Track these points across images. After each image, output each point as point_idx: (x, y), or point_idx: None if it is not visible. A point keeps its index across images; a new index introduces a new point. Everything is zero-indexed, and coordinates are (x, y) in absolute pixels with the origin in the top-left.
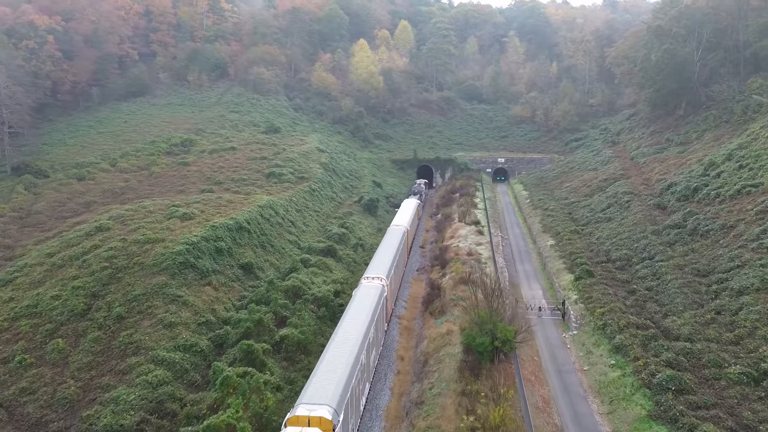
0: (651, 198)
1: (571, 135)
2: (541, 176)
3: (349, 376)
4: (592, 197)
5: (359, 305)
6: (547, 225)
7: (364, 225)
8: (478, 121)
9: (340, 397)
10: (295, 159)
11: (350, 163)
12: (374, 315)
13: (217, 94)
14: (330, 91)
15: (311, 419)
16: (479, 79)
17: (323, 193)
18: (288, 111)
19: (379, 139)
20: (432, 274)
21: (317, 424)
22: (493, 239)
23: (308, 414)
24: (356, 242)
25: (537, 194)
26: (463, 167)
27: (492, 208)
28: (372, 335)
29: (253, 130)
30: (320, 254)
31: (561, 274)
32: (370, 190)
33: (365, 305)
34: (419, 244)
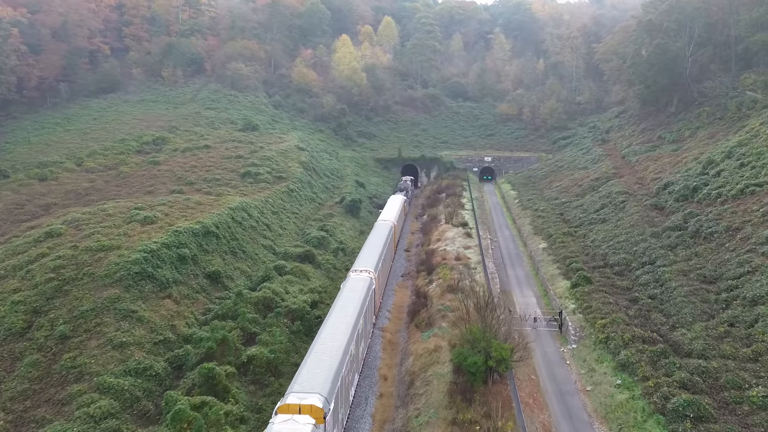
0: (647, 198)
1: (559, 133)
2: (529, 175)
3: (338, 365)
4: (583, 197)
5: (348, 297)
6: (538, 226)
7: (346, 227)
8: (464, 119)
9: (330, 386)
10: (273, 158)
11: (332, 162)
12: (363, 307)
13: (192, 91)
14: (311, 87)
15: (302, 407)
16: (465, 76)
17: (302, 194)
18: (267, 108)
19: (363, 137)
20: (418, 281)
21: (308, 412)
22: (482, 242)
23: (299, 402)
24: (337, 246)
25: (526, 194)
26: (449, 166)
27: (480, 208)
28: (361, 326)
29: (230, 128)
30: (297, 260)
31: (555, 280)
32: (352, 191)
33: (354, 297)
34: (404, 247)
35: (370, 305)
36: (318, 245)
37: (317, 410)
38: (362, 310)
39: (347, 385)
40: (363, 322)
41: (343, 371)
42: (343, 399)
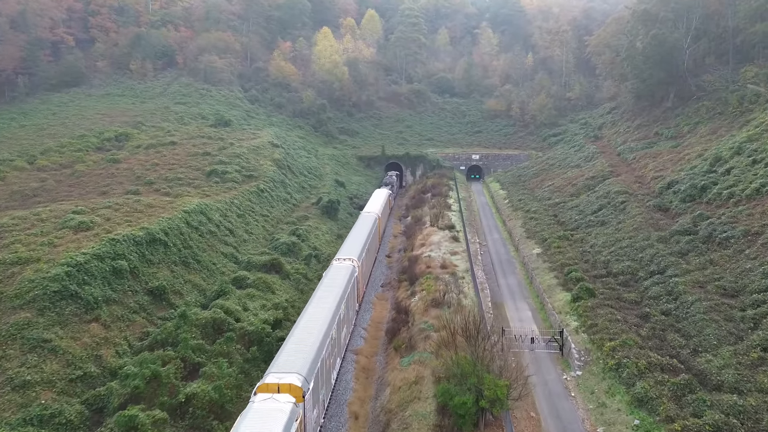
0: (649, 198)
1: (549, 130)
2: (519, 174)
3: (319, 347)
4: (578, 197)
5: (330, 283)
6: (530, 229)
7: (322, 231)
8: (451, 116)
9: (310, 366)
10: (244, 155)
11: (309, 160)
12: (345, 293)
13: (162, 84)
14: (290, 81)
15: (281, 386)
16: (451, 71)
17: (274, 194)
18: (242, 103)
19: (344, 134)
20: (399, 292)
21: (287, 390)
22: (470, 247)
23: (277, 382)
24: (309, 253)
25: (516, 194)
26: (434, 164)
27: (467, 209)
28: (343, 312)
29: (201, 123)
30: (262, 270)
31: (553, 291)
32: (331, 190)
33: (336, 283)
34: (386, 252)
35: (352, 292)
36: (287, 252)
37: (296, 389)
38: (344, 296)
39: (328, 367)
40: (345, 308)
41: (324, 353)
42: (324, 381)
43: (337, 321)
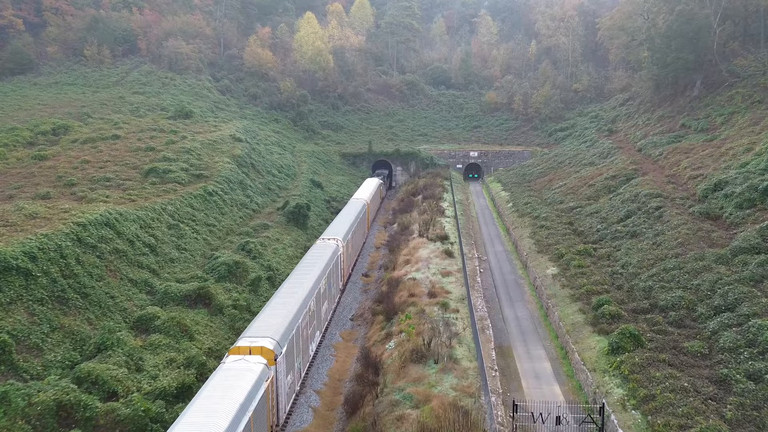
0: (691, 203)
1: (556, 124)
2: (522, 173)
3: (294, 316)
4: (598, 201)
5: (311, 259)
6: (541, 241)
7: (284, 243)
8: (446, 109)
9: (283, 332)
10: (195, 150)
11: (282, 157)
12: (326, 269)
13: (120, 72)
14: (267, 71)
15: (252, 349)
16: (447, 61)
17: (228, 198)
18: (211, 93)
19: (328, 128)
20: (371, 332)
21: (258, 353)
22: (467, 264)
23: (249, 344)
24: (259, 276)
25: (521, 196)
26: (428, 162)
27: (464, 215)
28: (323, 287)
29: (158, 115)
30: (183, 303)
31: (580, 333)
32: (304, 192)
33: (317, 259)
34: (363, 269)
35: (335, 270)
36: (227, 276)
37: (268, 351)
38: (325, 272)
39: (305, 338)
40: (326, 283)
41: (300, 322)
42: (301, 350)
43: (316, 294)
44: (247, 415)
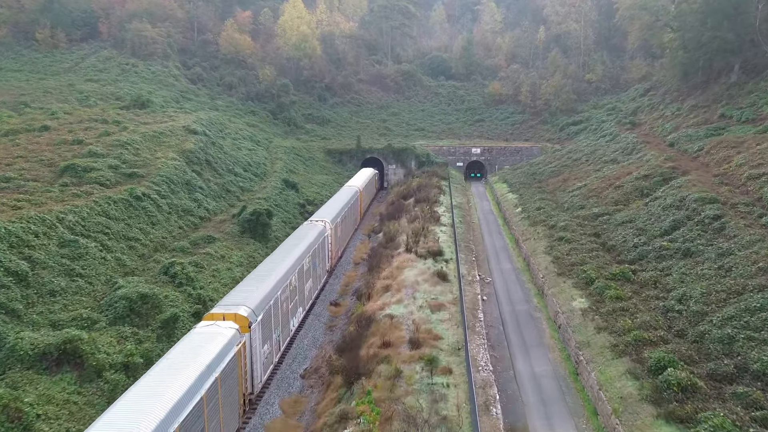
0: (761, 211)
1: (568, 117)
2: (532, 172)
3: (273, 288)
4: (629, 206)
5: (295, 239)
6: (561, 259)
7: (232, 262)
8: (446, 102)
9: (259, 302)
10: (133, 144)
11: (253, 154)
12: (311, 248)
13: (76, 58)
14: (245, 57)
15: (226, 315)
16: (447, 50)
17: (166, 202)
18: (178, 82)
19: (312, 122)
20: (322, 405)
21: (232, 319)
22: (466, 291)
23: (223, 311)
24: (177, 312)
25: (532, 199)
26: (424, 160)
27: (464, 222)
28: (307, 265)
29: (110, 105)
30: (37, 365)
31: (635, 412)
32: (272, 195)
33: (302, 238)
34: (333, 294)
35: (321, 251)
36: (125, 316)
37: (242, 318)
38: (309, 251)
39: (285, 311)
40: (310, 262)
41: (278, 294)
42: (280, 322)
43: (298, 270)
44: (213, 375)
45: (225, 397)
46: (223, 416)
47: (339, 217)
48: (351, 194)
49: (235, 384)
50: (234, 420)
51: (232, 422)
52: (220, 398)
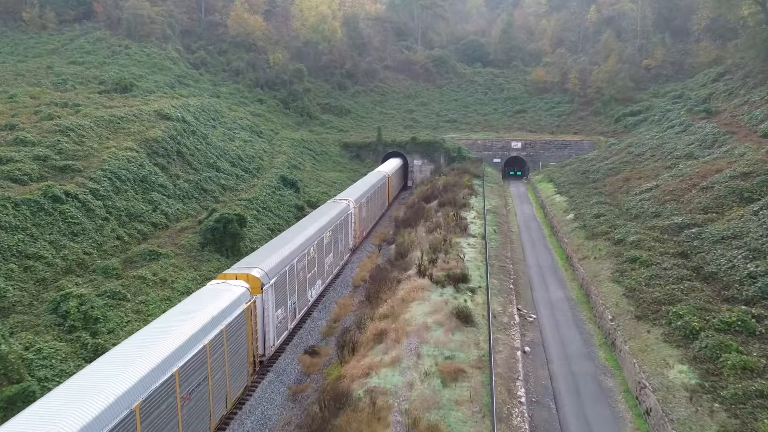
0: None
1: (624, 107)
2: (583, 169)
3: (289, 255)
4: (726, 215)
5: (317, 214)
6: (638, 292)
7: (175, 288)
8: (482, 90)
9: (273, 266)
10: (79, 129)
11: (248, 146)
12: (332, 222)
13: (64, 39)
14: (255, 40)
15: (238, 275)
16: (485, 35)
17: (105, 204)
18: (176, 65)
19: (329, 112)
20: None
21: (244, 279)
22: (499, 342)
23: (236, 272)
24: (30, 386)
25: (586, 203)
26: (455, 155)
27: (499, 232)
28: (327, 239)
29: (90, 89)
30: None
31: None
32: (261, 195)
33: (323, 213)
34: (315, 334)
35: (343, 227)
36: None
37: (254, 279)
38: (330, 225)
39: (303, 280)
40: (331, 236)
41: (295, 261)
42: (296, 290)
43: (317, 242)
44: (218, 327)
45: (232, 352)
46: (230, 370)
47: (364, 198)
48: (378, 177)
49: (243, 341)
50: (242, 377)
51: (239, 378)
52: (226, 351)
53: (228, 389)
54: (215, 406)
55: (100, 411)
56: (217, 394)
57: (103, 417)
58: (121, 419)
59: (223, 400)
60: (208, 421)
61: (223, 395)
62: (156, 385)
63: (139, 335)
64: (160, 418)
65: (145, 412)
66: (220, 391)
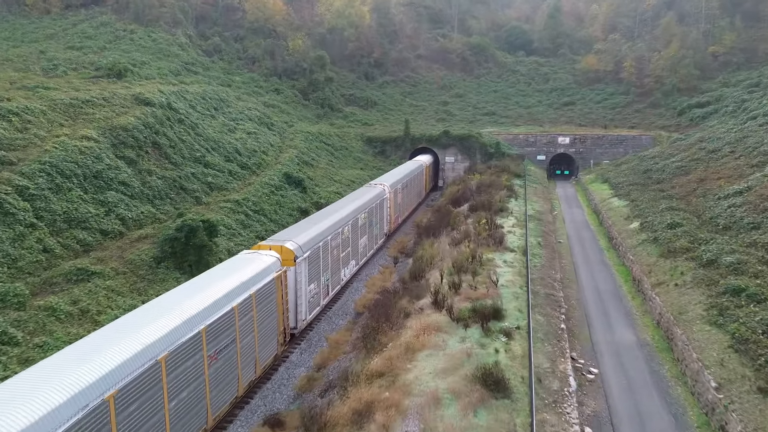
0: None
1: (689, 98)
2: (644, 168)
3: (323, 231)
4: None
5: (352, 197)
6: (755, 344)
7: (97, 323)
8: (525, 81)
9: (307, 241)
10: (25, 114)
11: (250, 138)
12: (367, 205)
13: (67, 24)
14: (275, 25)
15: (272, 247)
16: (529, 21)
17: (31, 207)
18: (184, 51)
19: (354, 104)
20: None
21: (277, 250)
22: (547, 426)
23: (270, 244)
24: None
25: (654, 209)
26: (492, 151)
27: (544, 245)
28: (362, 221)
29: (81, 74)
30: None
31: None
32: (252, 196)
33: (358, 196)
34: (282, 397)
35: (378, 211)
36: None
37: (287, 251)
38: (364, 208)
39: (337, 258)
40: (366, 218)
41: (329, 239)
42: (330, 267)
43: (352, 223)
44: (247, 292)
45: (261, 318)
46: (259, 336)
47: (399, 184)
48: (415, 166)
49: (273, 310)
50: (272, 345)
51: (269, 346)
52: (255, 317)
53: (257, 355)
54: (244, 371)
55: (124, 360)
56: (245, 358)
57: (127, 365)
58: (146, 369)
59: (252, 365)
60: (236, 384)
61: (252, 360)
62: (182, 340)
63: (166, 296)
64: (186, 374)
65: (171, 365)
66: (248, 355)
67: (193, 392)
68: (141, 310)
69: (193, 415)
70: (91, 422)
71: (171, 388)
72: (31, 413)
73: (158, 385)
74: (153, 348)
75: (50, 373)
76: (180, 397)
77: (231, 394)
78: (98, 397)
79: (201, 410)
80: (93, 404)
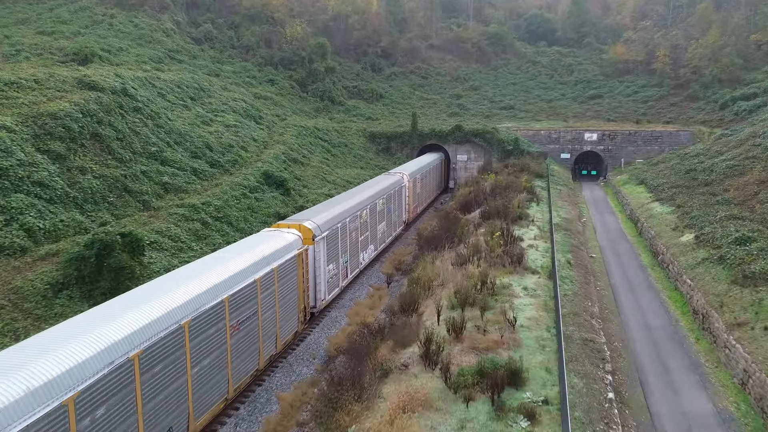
0: None
1: (732, 90)
2: (687, 168)
3: (340, 213)
4: None
5: (371, 183)
6: None
7: None
8: (547, 72)
9: (326, 221)
10: None
11: (227, 132)
12: (385, 191)
13: (43, 9)
14: (273, 12)
15: (291, 225)
16: (551, 9)
17: None
18: (169, 38)
19: (358, 96)
20: None
21: (296, 228)
22: None
23: (288, 223)
24: None
25: (710, 219)
26: (510, 149)
27: (574, 264)
28: (381, 207)
29: (45, 60)
30: None
31: None
32: (215, 200)
33: (376, 183)
34: None
35: (396, 198)
36: None
37: (306, 230)
38: (383, 194)
39: (355, 241)
40: (384, 204)
41: (347, 221)
42: (348, 250)
43: (370, 207)
44: (269, 267)
45: (282, 294)
46: (280, 312)
47: (418, 174)
48: (434, 158)
49: (294, 286)
50: (293, 322)
51: (290, 322)
52: (277, 291)
53: (278, 330)
54: (265, 344)
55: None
56: (266, 332)
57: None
58: (169, 332)
59: (273, 339)
60: (257, 356)
61: (273, 335)
62: (205, 307)
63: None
64: (209, 342)
65: (194, 331)
66: (270, 329)
67: (215, 360)
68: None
69: (215, 383)
70: (117, 379)
71: (194, 354)
72: (60, 364)
73: (181, 350)
74: (177, 312)
75: (79, 330)
76: (202, 364)
77: (252, 367)
78: (124, 355)
79: (222, 380)
80: (119, 361)
